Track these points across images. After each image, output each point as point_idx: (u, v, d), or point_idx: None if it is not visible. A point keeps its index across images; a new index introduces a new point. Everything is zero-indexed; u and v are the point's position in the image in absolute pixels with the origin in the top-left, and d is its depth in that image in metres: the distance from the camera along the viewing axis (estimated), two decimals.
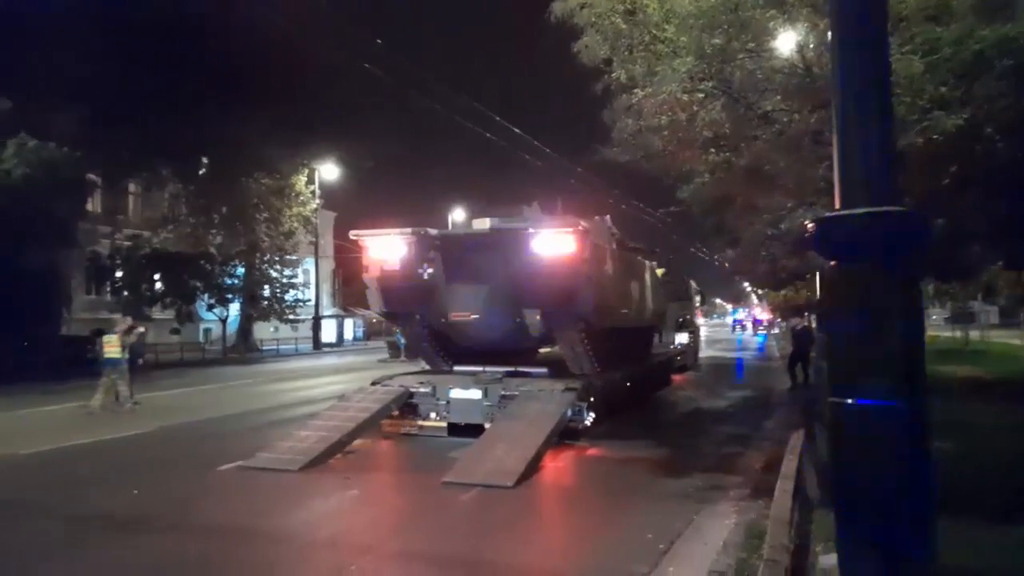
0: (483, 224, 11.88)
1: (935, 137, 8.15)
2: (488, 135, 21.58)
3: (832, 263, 4.91)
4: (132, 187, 34.31)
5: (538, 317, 11.14)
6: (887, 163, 4.70)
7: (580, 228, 10.55)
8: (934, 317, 33.34)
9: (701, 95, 9.24)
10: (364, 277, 12.44)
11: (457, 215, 28.92)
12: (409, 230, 11.91)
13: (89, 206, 30.18)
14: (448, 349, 12.96)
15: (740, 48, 8.89)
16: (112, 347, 14.84)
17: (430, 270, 11.94)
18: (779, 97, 8.96)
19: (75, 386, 18.59)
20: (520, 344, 12.16)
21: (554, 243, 10.59)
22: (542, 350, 13.18)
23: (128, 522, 7.01)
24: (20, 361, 23.40)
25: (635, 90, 9.84)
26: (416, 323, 12.76)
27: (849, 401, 4.45)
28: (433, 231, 12.23)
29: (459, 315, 11.86)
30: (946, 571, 4.47)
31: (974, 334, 32.42)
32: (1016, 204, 8.91)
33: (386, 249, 12.06)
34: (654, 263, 16.21)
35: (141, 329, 16.47)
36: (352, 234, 12.46)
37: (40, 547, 6.30)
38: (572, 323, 11.20)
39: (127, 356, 14.94)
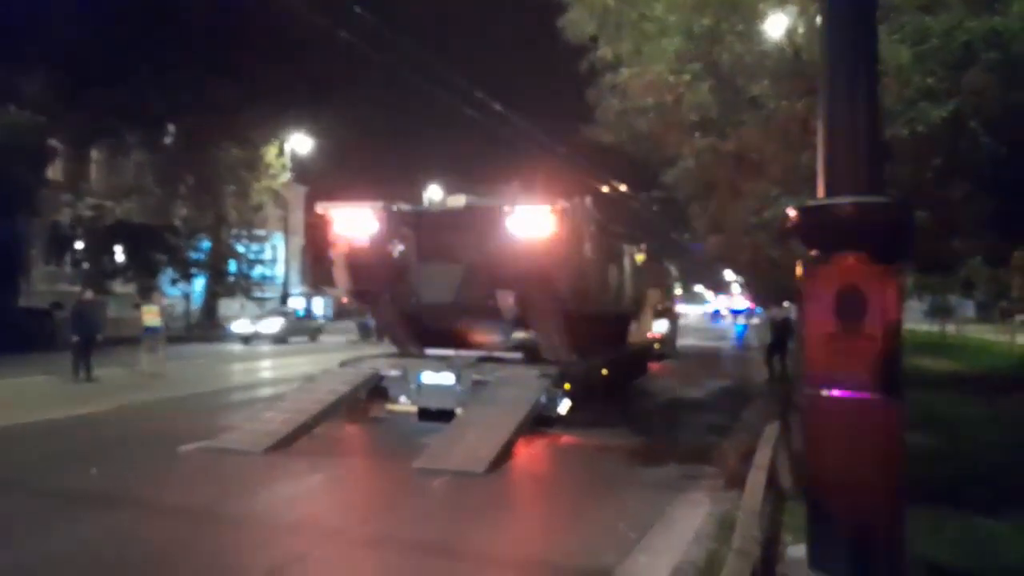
0: (458, 201, 11.43)
1: (920, 128, 8.08)
2: (468, 111, 21.21)
3: (813, 252, 4.82)
4: (95, 155, 33.25)
5: (512, 300, 10.75)
6: (873, 152, 4.59)
7: (558, 208, 10.18)
8: (915, 310, 33.82)
9: (688, 77, 9.04)
10: (330, 253, 11.88)
11: (435, 194, 28.39)
12: (380, 204, 11.39)
13: (51, 173, 29.17)
14: (419, 331, 12.51)
15: (729, 29, 8.73)
16: (152, 316, 16.97)
17: (401, 247, 11.45)
18: (767, 81, 8.81)
19: (33, 359, 18.07)
20: (494, 327, 11.82)
21: (531, 222, 10.22)
22: (517, 335, 12.90)
23: (85, 503, 6.79)
24: None
25: (621, 69, 9.63)
26: (385, 303, 12.29)
27: (824, 392, 4.39)
28: (405, 206, 11.73)
29: (431, 296, 11.43)
30: (914, 563, 4.44)
31: (951, 328, 33.02)
32: (998, 200, 8.91)
33: (355, 223, 11.50)
34: (634, 248, 15.96)
35: (167, 302, 20.08)
36: (319, 206, 12.04)
37: None
38: (547, 307, 10.83)
39: (164, 324, 17.35)
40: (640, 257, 16.22)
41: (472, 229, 10.79)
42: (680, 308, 31.95)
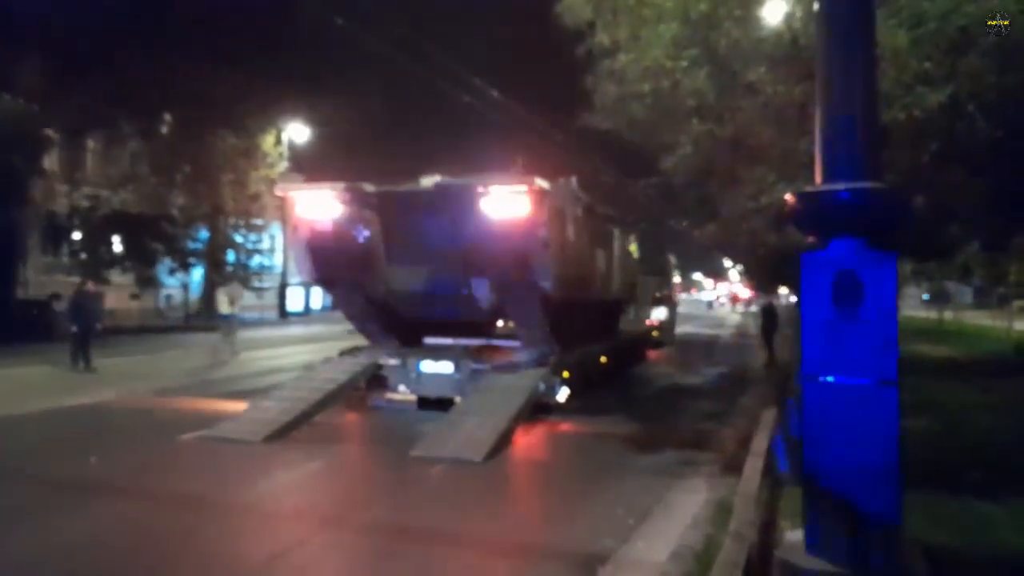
0: (428, 180, 10.42)
1: (917, 113, 8.05)
2: (467, 99, 21.10)
3: (810, 238, 4.83)
4: (91, 144, 33.09)
5: (488, 287, 10.24)
6: (870, 138, 4.60)
7: (536, 187, 9.49)
8: (912, 296, 33.92)
9: (685, 62, 8.98)
10: (291, 238, 11.26)
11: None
12: (342, 184, 10.64)
13: (46, 163, 29.03)
14: (391, 323, 11.85)
15: (727, 15, 8.68)
16: (224, 305, 19.49)
17: (367, 232, 10.78)
18: (765, 67, 8.76)
19: (31, 350, 18.03)
20: (470, 318, 11.12)
21: (506, 203, 9.54)
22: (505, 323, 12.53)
23: (85, 491, 6.80)
24: None
25: (618, 55, 9.55)
26: (351, 292, 11.56)
27: (821, 378, 4.41)
28: (370, 187, 10.77)
29: (400, 284, 10.76)
30: (911, 546, 4.48)
31: (948, 314, 33.12)
32: (995, 185, 8.90)
33: (316, 206, 10.77)
34: (628, 233, 15.67)
35: (240, 290, 23.51)
36: (277, 188, 11.60)
37: None
38: (526, 295, 10.18)
39: (236, 312, 19.59)
40: (634, 246, 15.97)
41: (443, 211, 10.06)
42: (680, 296, 31.93)
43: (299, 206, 10.98)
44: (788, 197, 4.94)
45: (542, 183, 9.63)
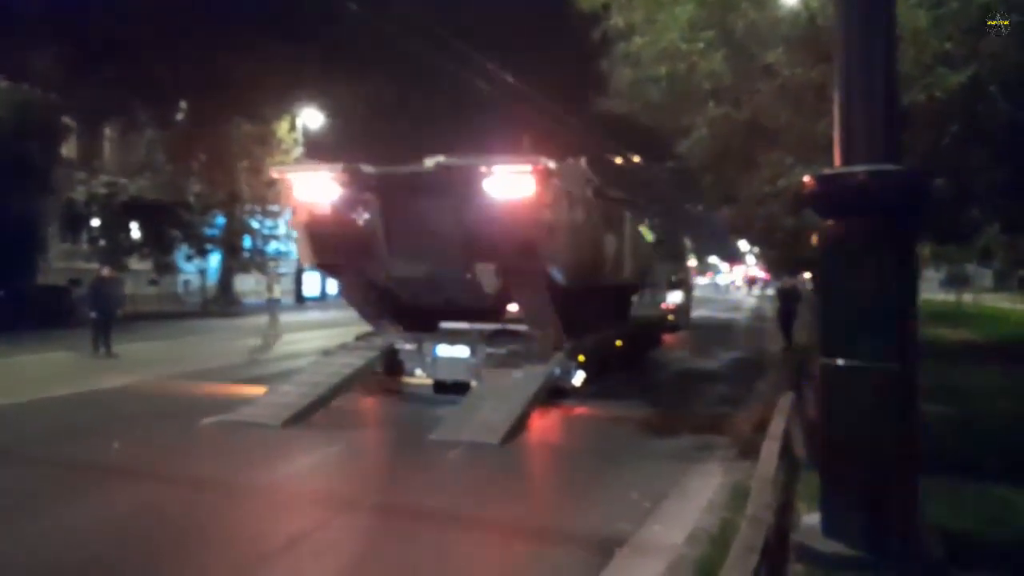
0: (430, 161, 9.87)
1: (938, 94, 7.92)
2: (481, 84, 21.08)
3: (829, 221, 4.79)
4: (108, 132, 33.34)
5: (492, 272, 9.99)
6: (889, 120, 4.55)
7: (542, 167, 9.18)
8: (932, 279, 33.58)
9: (702, 45, 8.86)
10: (290, 223, 11.01)
11: None
12: (340, 165, 10.34)
13: (64, 151, 29.30)
14: (394, 309, 11.66)
15: None
16: (266, 290, 21.78)
17: (367, 215, 10.47)
18: (782, 48, 8.65)
19: (52, 336, 18.31)
20: (475, 303, 10.88)
21: (511, 184, 9.27)
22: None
23: (108, 475, 6.91)
24: None
25: (634, 38, 9.45)
26: (352, 278, 11.41)
27: (840, 362, 4.39)
28: (369, 168, 10.39)
29: (401, 269, 10.54)
30: (929, 531, 4.47)
31: (967, 297, 32.83)
32: (1016, 166, 8.76)
33: (313, 189, 10.50)
34: (640, 216, 15.55)
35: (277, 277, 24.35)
36: (273, 171, 11.51)
37: (17, 497, 6.20)
38: (532, 280, 9.94)
39: (280, 297, 21.47)
40: (647, 230, 15.84)
41: (446, 193, 9.73)
42: (696, 280, 31.87)
43: (297, 188, 10.75)
44: (806, 180, 4.90)
45: (548, 163, 9.33)
